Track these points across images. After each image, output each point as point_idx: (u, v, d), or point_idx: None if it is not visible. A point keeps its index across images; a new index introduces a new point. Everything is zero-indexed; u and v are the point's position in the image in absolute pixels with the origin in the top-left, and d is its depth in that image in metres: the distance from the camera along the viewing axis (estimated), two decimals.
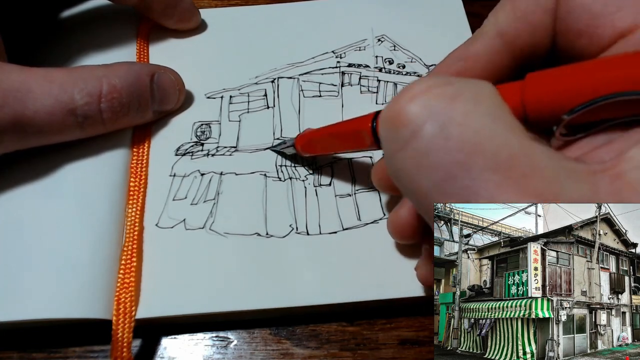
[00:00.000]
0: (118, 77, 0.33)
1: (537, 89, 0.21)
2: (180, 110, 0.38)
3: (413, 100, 0.18)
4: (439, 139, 0.17)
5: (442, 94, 0.18)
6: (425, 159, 0.18)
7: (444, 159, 0.17)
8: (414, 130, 0.18)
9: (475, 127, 0.17)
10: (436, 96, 0.18)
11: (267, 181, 0.35)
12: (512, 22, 0.24)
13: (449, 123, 0.17)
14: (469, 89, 0.18)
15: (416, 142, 0.18)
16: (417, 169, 0.18)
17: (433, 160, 0.17)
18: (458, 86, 0.18)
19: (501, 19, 0.25)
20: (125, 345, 0.28)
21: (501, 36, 0.25)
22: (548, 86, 0.20)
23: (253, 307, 0.30)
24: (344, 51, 0.40)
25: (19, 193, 0.33)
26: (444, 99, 0.18)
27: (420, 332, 0.32)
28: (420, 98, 0.18)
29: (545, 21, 0.24)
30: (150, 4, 0.38)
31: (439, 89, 0.18)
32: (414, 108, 0.18)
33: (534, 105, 0.20)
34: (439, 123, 0.17)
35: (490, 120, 0.17)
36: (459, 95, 0.18)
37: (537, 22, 0.24)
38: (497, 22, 0.25)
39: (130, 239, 0.32)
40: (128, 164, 0.35)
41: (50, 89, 0.31)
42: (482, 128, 0.17)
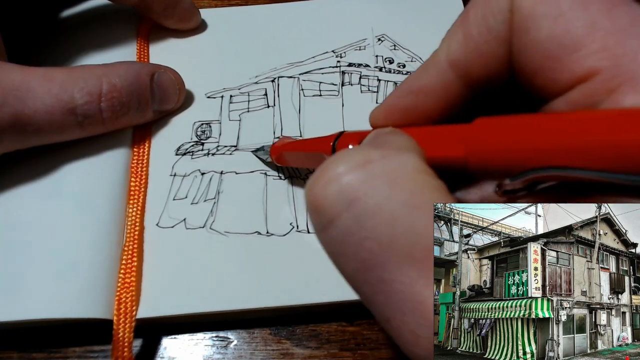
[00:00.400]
0: (118, 76, 0.33)
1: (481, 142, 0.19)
2: (180, 109, 0.38)
3: (329, 185, 0.17)
4: (354, 230, 0.16)
5: (358, 180, 0.17)
6: (342, 248, 0.17)
7: (359, 250, 0.16)
8: (330, 219, 0.17)
9: (390, 218, 0.16)
10: (352, 182, 0.17)
11: (268, 180, 0.35)
12: (463, 52, 0.21)
13: (362, 213, 0.16)
14: (388, 171, 0.17)
15: (332, 231, 0.17)
16: (336, 255, 0.18)
17: (349, 250, 0.17)
18: (375, 169, 0.17)
19: (453, 47, 0.22)
20: (126, 345, 0.28)
21: (453, 67, 0.22)
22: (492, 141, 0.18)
23: (254, 306, 0.30)
24: (344, 51, 0.40)
25: (19, 193, 0.33)
26: (360, 185, 0.17)
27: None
28: (336, 184, 0.17)
29: (499, 53, 0.20)
30: (150, 4, 0.38)
31: (355, 174, 0.17)
32: (329, 195, 0.17)
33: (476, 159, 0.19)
34: (353, 213, 0.16)
35: (407, 208, 0.16)
36: (375, 179, 0.17)
37: (490, 53, 0.20)
38: (449, 50, 0.22)
39: (130, 239, 0.32)
40: (128, 164, 0.35)
41: (50, 88, 0.31)
42: (397, 219, 0.16)
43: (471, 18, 0.21)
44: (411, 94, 0.23)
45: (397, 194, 0.16)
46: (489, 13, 0.20)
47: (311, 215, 0.18)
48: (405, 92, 0.23)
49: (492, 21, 0.20)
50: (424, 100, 0.23)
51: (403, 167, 0.17)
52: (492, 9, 0.20)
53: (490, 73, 0.21)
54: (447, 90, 0.22)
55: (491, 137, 0.18)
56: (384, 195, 0.16)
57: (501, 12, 0.20)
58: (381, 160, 0.17)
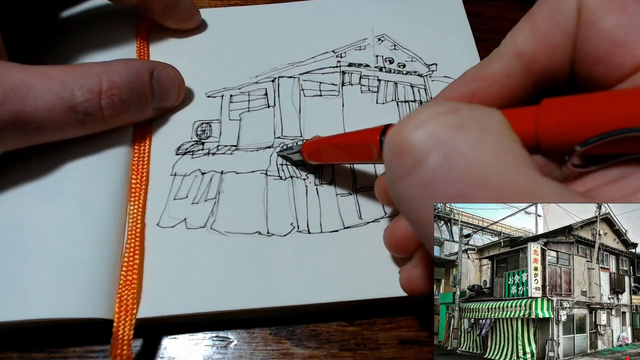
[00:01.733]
0: (118, 73, 0.33)
1: (551, 117, 0.20)
2: (180, 109, 0.38)
3: (418, 128, 0.18)
4: (443, 170, 0.17)
5: (447, 123, 0.17)
6: (428, 189, 0.17)
7: (447, 190, 0.17)
8: (417, 159, 0.17)
9: (481, 160, 0.17)
10: (442, 125, 0.17)
11: (268, 180, 0.35)
12: (531, 44, 0.23)
13: (453, 154, 0.17)
14: (476, 119, 0.18)
15: (419, 171, 0.17)
16: (419, 198, 0.18)
17: (436, 191, 0.17)
18: (465, 115, 0.18)
19: (520, 40, 0.24)
20: (126, 344, 0.28)
21: (519, 58, 0.24)
22: (563, 115, 0.20)
23: (255, 306, 0.30)
24: (344, 50, 0.40)
25: (20, 192, 0.33)
26: (450, 128, 0.17)
27: (420, 332, 0.32)
28: (426, 126, 0.18)
29: (565, 45, 0.23)
30: (150, 4, 0.38)
31: (445, 118, 0.18)
32: (418, 136, 0.18)
33: (547, 133, 0.20)
34: (444, 153, 0.17)
35: (496, 153, 0.17)
36: (465, 125, 0.17)
37: (557, 45, 0.23)
38: (515, 43, 0.24)
39: (132, 237, 0.32)
40: (129, 162, 0.35)
41: (51, 85, 0.31)
42: (487, 161, 0.17)
43: (538, 16, 0.23)
44: (475, 81, 0.25)
45: (487, 139, 0.17)
46: (557, 10, 0.23)
47: (395, 159, 0.18)
48: (470, 79, 0.25)
49: (559, 17, 0.22)
50: (487, 87, 0.24)
51: (490, 116, 0.18)
52: (560, 6, 0.22)
53: (554, 64, 0.23)
54: (510, 79, 0.24)
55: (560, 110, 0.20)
56: (475, 138, 0.17)
57: (569, 9, 0.22)
58: (469, 109, 0.18)
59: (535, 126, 0.20)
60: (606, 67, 0.21)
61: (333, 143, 0.31)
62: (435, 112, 0.18)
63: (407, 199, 0.18)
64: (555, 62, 0.23)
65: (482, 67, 0.25)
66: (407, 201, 0.18)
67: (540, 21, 0.23)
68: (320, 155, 0.32)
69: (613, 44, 0.21)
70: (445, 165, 0.17)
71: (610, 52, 0.21)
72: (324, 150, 0.32)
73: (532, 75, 0.24)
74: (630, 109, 0.18)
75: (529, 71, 0.24)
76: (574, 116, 0.19)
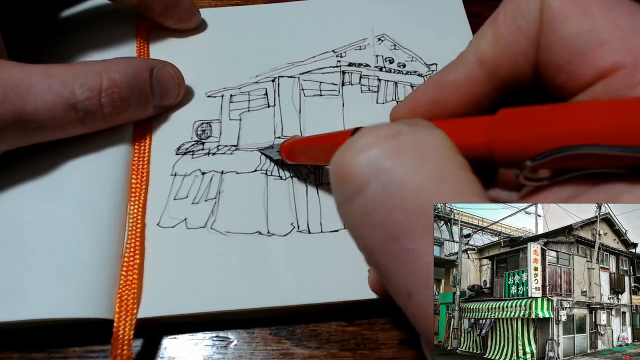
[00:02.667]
0: (118, 71, 0.33)
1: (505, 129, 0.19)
2: (180, 109, 0.38)
3: (358, 155, 0.17)
4: (382, 199, 0.17)
5: (387, 150, 0.17)
6: (368, 217, 0.17)
7: (386, 220, 0.17)
8: (357, 187, 0.17)
9: (418, 188, 0.16)
10: (381, 151, 0.17)
11: (268, 180, 0.35)
12: (493, 49, 0.22)
13: (392, 182, 0.17)
14: (416, 143, 0.17)
15: (359, 200, 0.17)
16: (361, 226, 0.18)
17: (375, 220, 0.17)
18: (405, 140, 0.17)
19: (483, 45, 0.23)
20: (126, 343, 0.28)
21: (482, 64, 0.23)
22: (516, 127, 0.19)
23: (255, 306, 0.30)
24: (344, 50, 0.40)
25: (20, 192, 0.33)
26: (390, 155, 0.17)
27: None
28: (365, 153, 0.17)
29: (528, 51, 0.21)
30: (150, 4, 0.38)
31: (385, 144, 0.17)
32: (358, 164, 0.17)
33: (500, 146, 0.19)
34: (382, 182, 0.17)
35: (435, 179, 0.17)
36: (405, 150, 0.17)
37: (519, 51, 0.22)
38: (478, 48, 0.23)
39: (132, 237, 0.32)
40: (129, 162, 0.35)
41: (51, 84, 0.31)
42: (425, 189, 0.16)
43: (501, 19, 0.22)
44: (437, 88, 0.24)
45: (426, 165, 0.17)
46: (519, 14, 0.21)
47: (337, 185, 0.18)
48: (432, 86, 0.24)
49: (522, 21, 0.21)
50: (449, 95, 0.23)
51: (432, 140, 0.18)
52: (522, 10, 0.21)
53: (517, 70, 0.22)
54: (473, 86, 0.23)
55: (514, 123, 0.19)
56: (414, 165, 0.17)
57: (531, 13, 0.21)
58: (410, 133, 0.18)
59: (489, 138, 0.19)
60: (567, 76, 0.20)
61: (306, 144, 0.32)
62: (376, 137, 0.17)
63: (351, 226, 0.18)
64: (519, 69, 0.22)
65: (445, 74, 0.24)
66: (351, 228, 0.18)
67: (503, 25, 0.22)
68: (296, 156, 0.32)
69: (573, 52, 0.20)
70: (383, 194, 0.17)
71: (570, 61, 0.20)
72: (298, 150, 0.32)
73: (496, 82, 0.23)
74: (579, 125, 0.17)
75: (492, 77, 0.23)
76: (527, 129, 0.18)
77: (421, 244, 0.16)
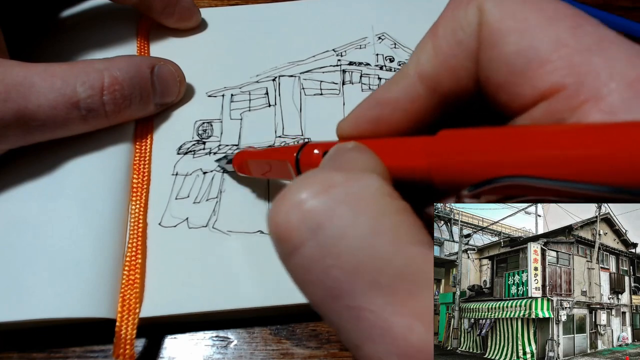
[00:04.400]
0: (119, 69, 0.33)
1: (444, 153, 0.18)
2: (181, 108, 0.38)
3: (290, 214, 0.17)
4: (318, 258, 0.16)
5: (320, 207, 0.16)
6: (307, 275, 0.16)
7: (325, 279, 0.16)
8: (293, 248, 0.17)
9: (354, 244, 0.16)
10: (314, 209, 0.16)
11: (270, 179, 0.35)
12: (433, 64, 0.21)
13: (326, 241, 0.16)
14: (350, 196, 0.16)
15: (296, 259, 0.17)
16: (302, 282, 0.17)
17: (314, 278, 0.16)
18: (338, 193, 0.16)
19: (422, 60, 0.21)
20: (129, 343, 0.28)
21: (422, 80, 0.21)
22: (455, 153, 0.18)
23: (257, 305, 0.30)
24: (344, 49, 0.40)
25: (22, 191, 0.33)
26: (323, 211, 0.16)
27: None
28: (298, 212, 0.16)
29: (468, 67, 0.20)
30: (151, 3, 0.38)
31: (317, 200, 0.16)
32: (291, 224, 0.16)
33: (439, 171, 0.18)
34: (317, 241, 0.16)
35: (370, 234, 0.16)
36: (339, 205, 0.16)
37: (459, 67, 0.20)
38: (418, 62, 0.21)
39: (134, 236, 0.32)
40: (131, 161, 0.35)
41: (53, 82, 0.31)
42: (361, 245, 0.16)
43: (440, 32, 0.20)
44: (378, 106, 0.22)
45: (360, 220, 0.16)
46: (458, 27, 0.20)
47: (274, 242, 0.18)
48: (373, 103, 0.23)
49: (461, 34, 0.20)
50: (391, 113, 0.22)
51: (366, 190, 0.17)
52: (461, 23, 0.20)
53: (459, 87, 0.21)
54: (414, 103, 0.21)
55: (454, 148, 0.18)
56: (347, 221, 0.16)
57: (470, 26, 0.19)
58: (343, 185, 0.17)
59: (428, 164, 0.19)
60: (507, 96, 0.19)
61: (255, 158, 0.31)
62: (308, 193, 0.17)
63: (294, 280, 0.18)
64: (460, 85, 0.20)
65: (386, 91, 0.22)
66: (294, 282, 0.18)
67: (442, 38, 0.20)
68: (247, 169, 0.32)
69: (512, 72, 0.18)
70: (319, 253, 0.16)
71: (510, 81, 0.18)
72: (250, 164, 0.32)
73: (437, 98, 0.21)
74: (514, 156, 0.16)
75: (434, 93, 0.21)
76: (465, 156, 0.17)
77: (363, 301, 0.15)
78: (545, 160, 0.15)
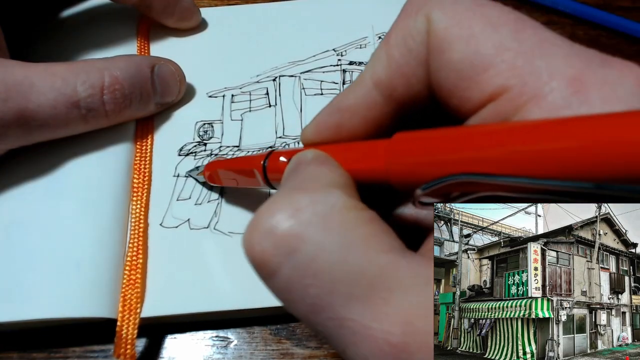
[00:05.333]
0: (119, 69, 0.33)
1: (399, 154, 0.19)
2: (182, 109, 0.37)
3: (263, 241, 0.18)
4: (296, 279, 0.17)
5: (291, 230, 0.17)
6: (288, 294, 0.18)
7: (305, 297, 0.17)
8: (271, 271, 0.18)
9: (328, 262, 0.17)
10: (286, 233, 0.17)
11: None
12: (387, 72, 0.21)
13: (301, 263, 0.17)
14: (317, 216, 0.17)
15: (276, 282, 0.18)
16: (285, 300, 0.18)
17: (295, 296, 0.17)
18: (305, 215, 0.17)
19: (377, 67, 0.22)
20: (130, 342, 0.28)
21: (377, 86, 0.22)
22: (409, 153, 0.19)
23: (258, 305, 0.30)
24: (345, 49, 0.40)
25: (22, 191, 0.33)
26: (294, 235, 0.17)
27: None
28: (271, 237, 0.17)
29: (420, 74, 0.21)
30: (151, 3, 0.38)
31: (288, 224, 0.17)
32: (265, 251, 0.18)
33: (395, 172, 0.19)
34: (292, 265, 0.17)
35: (341, 250, 0.17)
36: (308, 227, 0.17)
37: (411, 74, 0.21)
38: (373, 70, 0.22)
39: (135, 236, 0.32)
40: (131, 161, 0.35)
41: (53, 82, 0.31)
42: (335, 261, 0.17)
43: (392, 40, 0.21)
44: (338, 113, 0.23)
45: (330, 238, 0.17)
46: (408, 35, 0.20)
47: (253, 268, 0.18)
48: (333, 110, 0.23)
49: (411, 42, 0.20)
50: (350, 119, 0.23)
51: (331, 209, 0.18)
52: (411, 32, 0.20)
53: (412, 92, 0.21)
54: (371, 109, 0.22)
55: (407, 148, 0.19)
56: (318, 241, 0.17)
57: (419, 34, 0.20)
58: (310, 206, 0.18)
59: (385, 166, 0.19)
60: (457, 100, 0.19)
61: (222, 167, 0.31)
62: (277, 219, 0.18)
63: (277, 299, 0.19)
64: (413, 91, 0.21)
65: (344, 98, 0.23)
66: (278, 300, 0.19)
67: (394, 47, 0.21)
68: (217, 179, 0.32)
69: (460, 77, 0.19)
70: (296, 275, 0.17)
71: (458, 85, 0.19)
72: (219, 173, 0.32)
73: (393, 104, 0.22)
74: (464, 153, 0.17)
75: (389, 100, 0.22)
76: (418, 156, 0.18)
77: (343, 313, 0.16)
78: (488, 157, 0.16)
